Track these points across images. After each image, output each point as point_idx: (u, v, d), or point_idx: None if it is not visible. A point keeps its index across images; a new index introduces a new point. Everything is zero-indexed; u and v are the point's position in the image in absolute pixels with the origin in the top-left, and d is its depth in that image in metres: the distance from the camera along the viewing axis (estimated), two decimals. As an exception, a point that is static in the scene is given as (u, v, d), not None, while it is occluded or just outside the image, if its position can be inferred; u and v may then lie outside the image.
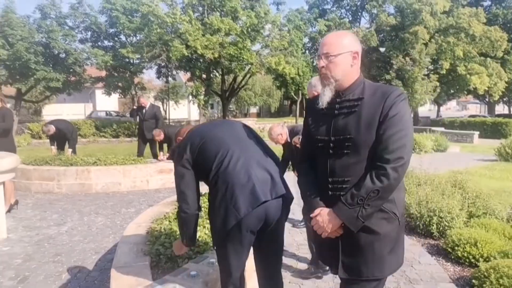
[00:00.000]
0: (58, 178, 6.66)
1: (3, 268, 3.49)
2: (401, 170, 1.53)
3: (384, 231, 1.61)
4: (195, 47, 17.43)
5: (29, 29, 20.14)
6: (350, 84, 1.66)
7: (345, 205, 1.56)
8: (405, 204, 1.77)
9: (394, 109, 1.54)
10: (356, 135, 1.57)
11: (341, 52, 1.63)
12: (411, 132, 1.58)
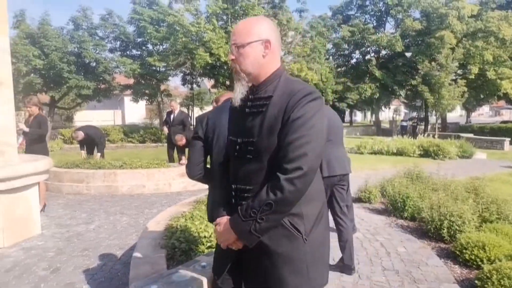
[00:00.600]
0: (87, 180, 7.08)
1: (38, 260, 3.84)
2: (299, 182, 1.32)
3: (282, 249, 1.43)
4: (219, 54, 17.85)
5: (63, 40, 21.22)
6: (265, 78, 1.48)
7: (239, 217, 1.40)
8: (324, 219, 1.54)
9: (297, 111, 1.34)
10: (258, 139, 1.41)
11: (249, 41, 1.44)
12: (317, 139, 1.36)
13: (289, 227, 1.43)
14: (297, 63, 19.93)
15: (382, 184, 6.24)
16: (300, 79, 1.57)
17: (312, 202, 1.48)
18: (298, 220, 1.44)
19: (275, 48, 1.50)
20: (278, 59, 1.52)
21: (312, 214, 1.48)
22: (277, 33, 1.52)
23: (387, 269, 3.55)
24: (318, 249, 1.51)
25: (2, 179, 4.08)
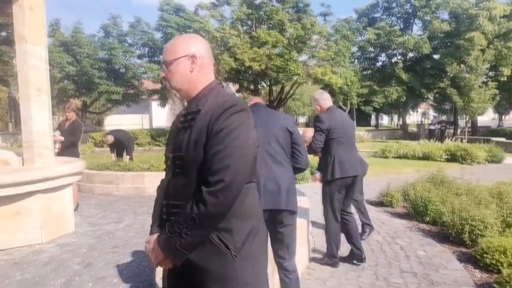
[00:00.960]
0: (117, 182, 7.42)
1: (72, 255, 4.12)
2: (222, 195, 1.30)
3: (211, 267, 1.38)
4: (243, 59, 18.13)
5: (94, 47, 22.13)
6: (197, 93, 1.50)
7: (166, 233, 1.37)
8: (261, 235, 1.51)
9: (221, 123, 1.34)
10: (186, 153, 1.41)
11: (175, 58, 1.48)
12: (241, 151, 1.34)
13: (217, 243, 1.38)
14: (321, 67, 19.94)
15: (405, 188, 6.22)
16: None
17: (244, 217, 1.43)
18: (227, 235, 1.39)
19: (204, 63, 1.50)
20: (209, 74, 1.53)
21: (244, 230, 1.43)
22: (207, 48, 1.54)
23: (405, 271, 3.60)
24: (252, 267, 1.44)
25: (40, 179, 4.39)
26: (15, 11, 4.51)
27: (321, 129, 3.56)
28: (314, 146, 3.57)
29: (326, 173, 3.61)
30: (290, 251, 2.55)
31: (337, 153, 3.59)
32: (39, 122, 4.68)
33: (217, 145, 1.33)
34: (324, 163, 3.66)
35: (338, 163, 3.56)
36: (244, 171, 1.36)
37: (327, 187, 3.66)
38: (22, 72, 4.61)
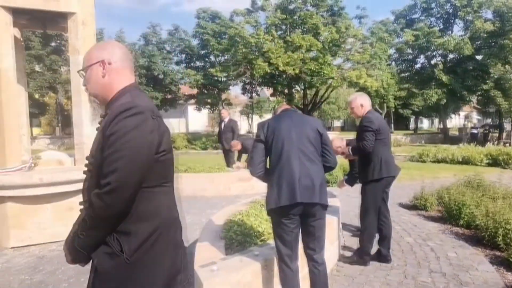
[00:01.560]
0: (158, 182, 7.83)
1: (117, 248, 4.49)
2: (107, 197, 1.31)
3: (105, 267, 1.40)
4: (277, 64, 18.38)
5: (135, 55, 23.21)
6: (112, 97, 1.52)
7: (70, 232, 1.45)
8: (162, 240, 1.47)
9: (113, 127, 1.35)
10: (92, 157, 1.46)
11: (88, 65, 1.53)
12: (132, 154, 1.33)
13: (111, 244, 1.39)
14: (356, 70, 19.79)
15: (439, 191, 6.17)
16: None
17: (143, 221, 1.43)
18: (124, 238, 1.39)
19: (117, 67, 1.53)
20: (123, 77, 1.55)
21: (142, 233, 1.42)
22: (122, 53, 1.56)
23: (434, 271, 3.65)
24: (145, 272, 1.44)
25: (90, 178, 4.82)
26: (69, 25, 4.99)
27: (372, 129, 3.64)
28: (367, 144, 3.60)
29: (372, 172, 3.69)
30: (320, 244, 2.71)
31: (383, 153, 3.73)
32: (89, 126, 5.12)
33: (108, 148, 1.34)
34: (367, 164, 3.73)
35: (384, 163, 3.70)
36: (134, 175, 1.35)
37: (371, 187, 3.74)
38: (75, 81, 5.07)
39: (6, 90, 4.66)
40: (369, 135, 3.63)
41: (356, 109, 3.86)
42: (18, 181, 4.44)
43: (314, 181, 2.57)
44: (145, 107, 1.44)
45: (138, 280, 1.43)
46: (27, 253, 4.36)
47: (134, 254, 1.40)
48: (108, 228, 1.38)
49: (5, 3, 4.53)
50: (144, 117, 1.40)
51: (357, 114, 3.88)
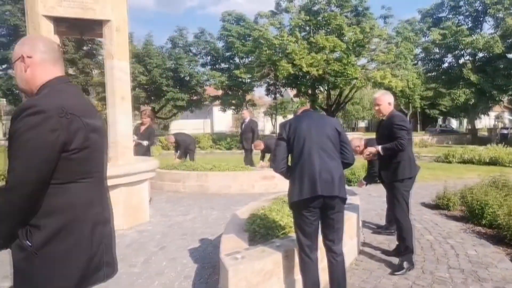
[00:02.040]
0: (183, 180, 8.17)
1: (148, 240, 4.79)
2: (9, 194, 1.40)
3: (16, 259, 1.47)
4: (301, 65, 18.49)
5: (162, 58, 23.87)
6: (36, 92, 1.58)
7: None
8: (71, 235, 1.51)
9: (14, 126, 1.40)
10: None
11: (13, 61, 1.60)
12: (29, 154, 1.37)
13: (21, 237, 1.44)
14: (380, 70, 19.63)
15: (462, 191, 6.16)
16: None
17: (52, 215, 1.46)
18: (34, 231, 1.44)
19: (38, 61, 1.56)
20: (46, 71, 1.58)
21: (50, 228, 1.45)
22: (43, 45, 1.60)
23: (453, 267, 3.73)
24: (56, 266, 1.47)
25: (123, 174, 5.15)
26: (105, 32, 5.35)
27: (407, 128, 3.70)
28: (404, 143, 3.63)
29: (403, 171, 3.74)
30: (339, 235, 2.88)
31: (411, 152, 3.86)
32: (123, 125, 5.47)
33: (10, 148, 1.39)
34: (396, 163, 3.76)
35: (412, 161, 3.83)
36: (31, 174, 1.38)
37: (402, 185, 3.76)
38: (109, 83, 5.43)
39: (48, 93, 5.04)
40: (404, 133, 3.66)
41: (383, 108, 3.90)
42: (58, 177, 4.81)
43: (334, 176, 2.74)
44: (50, 105, 1.44)
45: (48, 273, 1.46)
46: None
47: (42, 248, 1.43)
48: (14, 222, 1.42)
49: (47, 13, 4.93)
50: (45, 116, 1.40)
51: (383, 112, 3.91)
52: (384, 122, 3.96)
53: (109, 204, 1.76)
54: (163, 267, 3.89)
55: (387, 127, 3.85)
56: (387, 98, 3.91)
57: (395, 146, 3.66)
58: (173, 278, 3.62)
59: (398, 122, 3.71)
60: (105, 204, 1.71)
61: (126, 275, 3.69)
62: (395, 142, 3.66)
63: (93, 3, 5.08)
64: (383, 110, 3.91)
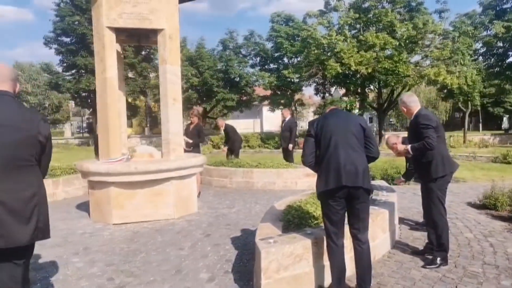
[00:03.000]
0: (230, 176, 8.63)
1: (196, 228, 5.26)
2: None
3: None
4: (349, 64, 18.31)
5: (214, 60, 24.77)
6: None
7: None
8: None
9: None
10: None
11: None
12: None
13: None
14: (434, 67, 18.86)
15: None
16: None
17: None
18: None
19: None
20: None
21: None
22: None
23: (488, 263, 3.74)
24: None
25: (175, 168, 5.68)
26: (159, 39, 5.91)
27: (433, 126, 3.68)
28: (432, 142, 3.61)
29: (436, 170, 3.75)
30: (364, 224, 3.08)
31: (443, 150, 3.90)
32: (174, 124, 6.01)
33: None
34: (428, 162, 3.76)
35: (446, 159, 3.85)
36: None
37: (436, 184, 3.77)
38: (163, 86, 5.99)
39: (110, 95, 5.72)
40: (431, 132, 3.65)
41: (408, 110, 3.97)
42: (119, 170, 5.44)
43: (358, 168, 2.96)
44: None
45: None
46: (125, 229, 5.32)
47: None
48: None
49: (110, 24, 5.58)
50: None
51: (409, 114, 3.97)
52: (411, 122, 4.00)
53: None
54: (207, 251, 4.31)
55: (412, 126, 3.91)
56: (408, 100, 3.98)
57: (423, 145, 3.67)
58: (216, 260, 4.02)
59: (422, 121, 3.74)
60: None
61: (175, 257, 4.16)
62: (422, 142, 3.67)
63: (149, 14, 5.66)
64: (408, 113, 3.99)
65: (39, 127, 2.30)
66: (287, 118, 10.17)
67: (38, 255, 4.27)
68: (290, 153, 9.97)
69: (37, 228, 2.28)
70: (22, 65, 45.58)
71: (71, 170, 8.25)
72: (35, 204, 2.27)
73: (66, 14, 24.18)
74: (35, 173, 2.34)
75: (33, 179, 2.31)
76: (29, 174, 2.28)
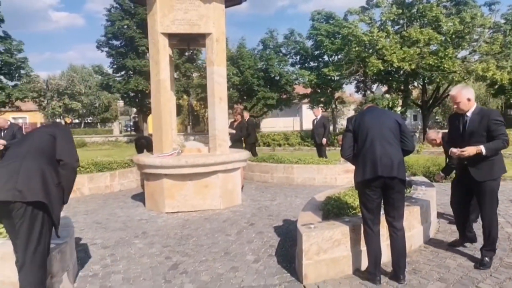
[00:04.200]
0: (271, 172, 8.99)
1: (240, 218, 5.67)
2: None
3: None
4: (392, 60, 18.03)
5: (254, 59, 25.23)
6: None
7: None
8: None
9: None
10: None
11: None
12: None
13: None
14: (483, 62, 18.13)
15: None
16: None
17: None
18: None
19: None
20: None
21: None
22: None
23: (525, 257, 3.82)
24: None
25: (221, 162, 6.12)
26: (207, 43, 6.38)
27: (504, 123, 3.57)
28: (508, 140, 3.49)
29: (498, 169, 3.63)
30: (399, 213, 3.32)
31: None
32: (220, 121, 6.45)
33: None
34: (490, 160, 3.57)
35: (502, 157, 3.76)
36: None
37: (495, 183, 3.63)
38: (209, 86, 6.45)
39: (163, 95, 6.26)
40: (504, 129, 3.52)
41: (462, 104, 3.64)
42: (171, 163, 5.96)
43: (393, 160, 3.20)
44: None
45: None
46: (176, 217, 5.83)
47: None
48: None
49: (164, 30, 6.11)
50: None
51: (463, 109, 3.66)
52: (470, 118, 3.65)
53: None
54: (252, 238, 4.70)
55: (474, 123, 3.60)
56: (464, 94, 3.64)
57: (501, 143, 3.47)
58: (260, 246, 4.39)
59: (497, 118, 3.53)
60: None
61: (223, 241, 4.58)
62: (499, 140, 3.47)
63: (198, 20, 6.14)
64: (463, 108, 3.66)
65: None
66: (319, 116, 10.87)
67: (104, 237, 4.88)
68: (324, 148, 10.68)
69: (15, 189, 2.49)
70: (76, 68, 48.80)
71: (125, 164, 8.98)
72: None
73: (116, 18, 25.63)
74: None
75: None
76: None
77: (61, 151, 2.80)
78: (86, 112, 46.76)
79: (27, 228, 2.52)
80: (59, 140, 2.84)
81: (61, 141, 2.84)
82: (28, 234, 2.53)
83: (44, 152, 2.73)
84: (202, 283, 3.42)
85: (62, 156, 2.79)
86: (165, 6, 6.05)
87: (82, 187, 7.81)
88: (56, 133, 2.88)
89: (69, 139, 2.94)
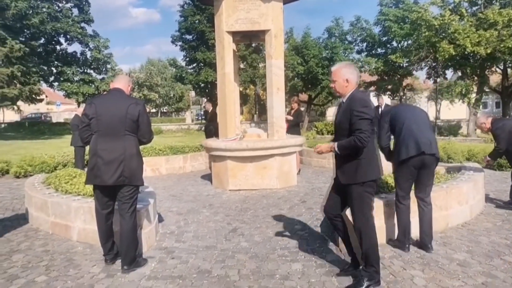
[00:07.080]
0: (328, 157, 9.42)
1: (294, 196, 6.32)
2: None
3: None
4: (465, 45, 17.07)
5: (319, 48, 25.29)
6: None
7: None
8: None
9: None
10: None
11: None
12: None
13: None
14: None
15: None
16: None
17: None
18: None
19: None
20: None
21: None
22: None
23: None
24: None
25: (278, 146, 6.80)
26: (266, 38, 7.03)
27: (370, 117, 2.90)
28: (365, 138, 2.83)
29: (364, 173, 2.95)
30: (429, 189, 3.78)
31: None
32: (277, 110, 7.11)
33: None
34: (357, 160, 2.95)
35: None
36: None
37: (362, 188, 3.01)
38: (268, 77, 7.12)
39: (228, 86, 7.07)
40: (365, 125, 2.86)
41: (338, 85, 3.08)
42: (234, 146, 6.77)
43: (431, 140, 3.69)
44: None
45: None
46: (238, 194, 6.65)
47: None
48: None
49: (228, 29, 6.89)
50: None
51: (339, 92, 3.12)
52: (343, 105, 3.05)
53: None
54: (302, 212, 5.33)
55: (341, 112, 3.06)
56: (344, 73, 3.02)
57: (354, 142, 2.82)
58: (307, 219, 5.01)
59: (360, 109, 2.85)
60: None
61: (276, 214, 5.28)
62: (354, 137, 2.82)
63: (259, 18, 6.81)
64: (338, 89, 3.07)
65: (128, 110, 3.34)
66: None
67: (179, 206, 5.86)
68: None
69: (122, 175, 3.31)
70: (153, 61, 52.63)
71: (196, 149, 10.08)
72: (121, 160, 3.30)
73: (189, 14, 27.34)
74: (126, 141, 3.34)
75: (122, 144, 3.33)
76: (121, 141, 3.34)
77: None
78: (162, 102, 50.39)
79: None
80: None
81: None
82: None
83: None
84: (255, 243, 4.15)
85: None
86: (229, 7, 6.81)
87: (160, 167, 9.04)
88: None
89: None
